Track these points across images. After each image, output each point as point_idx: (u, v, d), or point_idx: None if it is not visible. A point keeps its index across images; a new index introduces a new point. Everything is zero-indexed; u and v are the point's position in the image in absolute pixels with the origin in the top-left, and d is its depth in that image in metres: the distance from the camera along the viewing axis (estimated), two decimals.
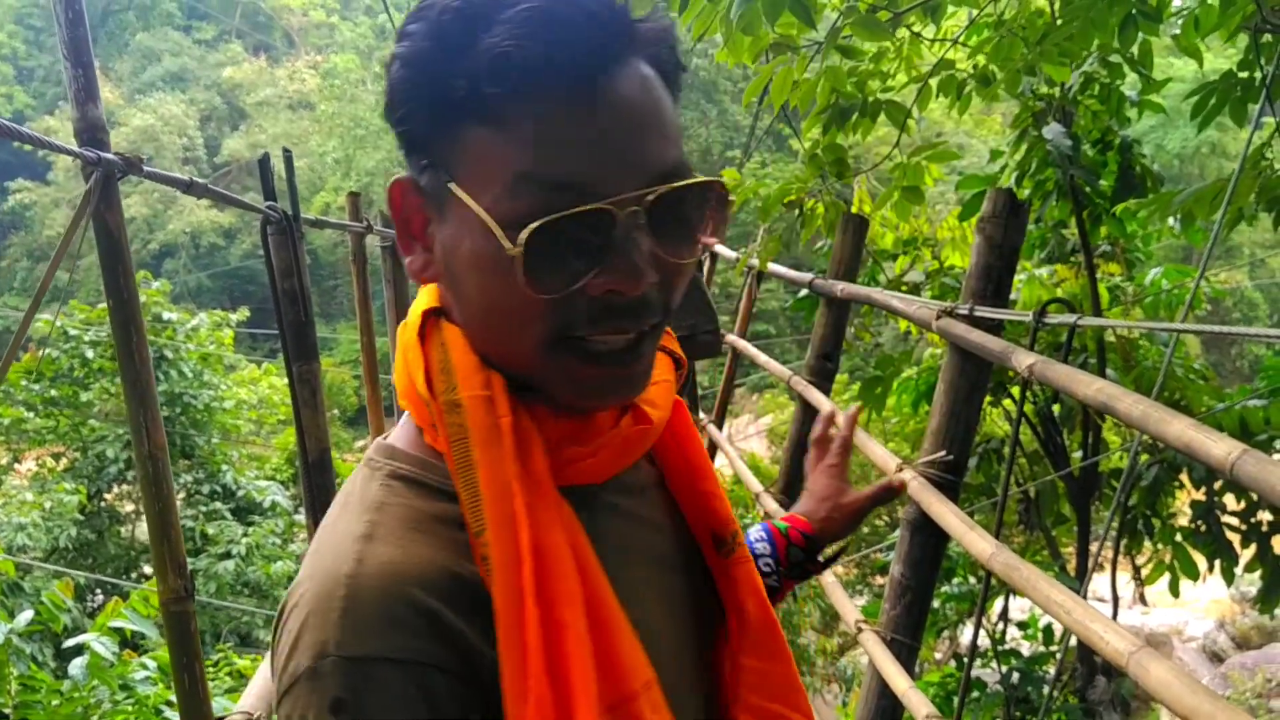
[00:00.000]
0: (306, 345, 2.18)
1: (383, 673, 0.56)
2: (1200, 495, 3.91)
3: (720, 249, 6.55)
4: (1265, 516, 3.87)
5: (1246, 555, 3.92)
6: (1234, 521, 3.90)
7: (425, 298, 0.70)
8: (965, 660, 2.89)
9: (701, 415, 4.79)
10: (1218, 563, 3.95)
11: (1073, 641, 4.63)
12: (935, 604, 5.02)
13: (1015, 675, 4.34)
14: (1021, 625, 5.04)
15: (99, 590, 9.62)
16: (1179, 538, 4.04)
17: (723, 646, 0.76)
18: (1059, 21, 3.05)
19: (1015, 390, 2.91)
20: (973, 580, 4.52)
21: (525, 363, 0.63)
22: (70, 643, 4.11)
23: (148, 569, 9.29)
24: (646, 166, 0.60)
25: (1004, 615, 4.50)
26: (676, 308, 0.66)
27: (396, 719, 0.56)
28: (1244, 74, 3.21)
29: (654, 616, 0.69)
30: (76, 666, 3.62)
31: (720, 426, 4.76)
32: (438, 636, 0.58)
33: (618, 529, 0.70)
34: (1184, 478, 3.98)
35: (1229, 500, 3.91)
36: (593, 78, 0.59)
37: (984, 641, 4.61)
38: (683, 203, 0.62)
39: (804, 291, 4.20)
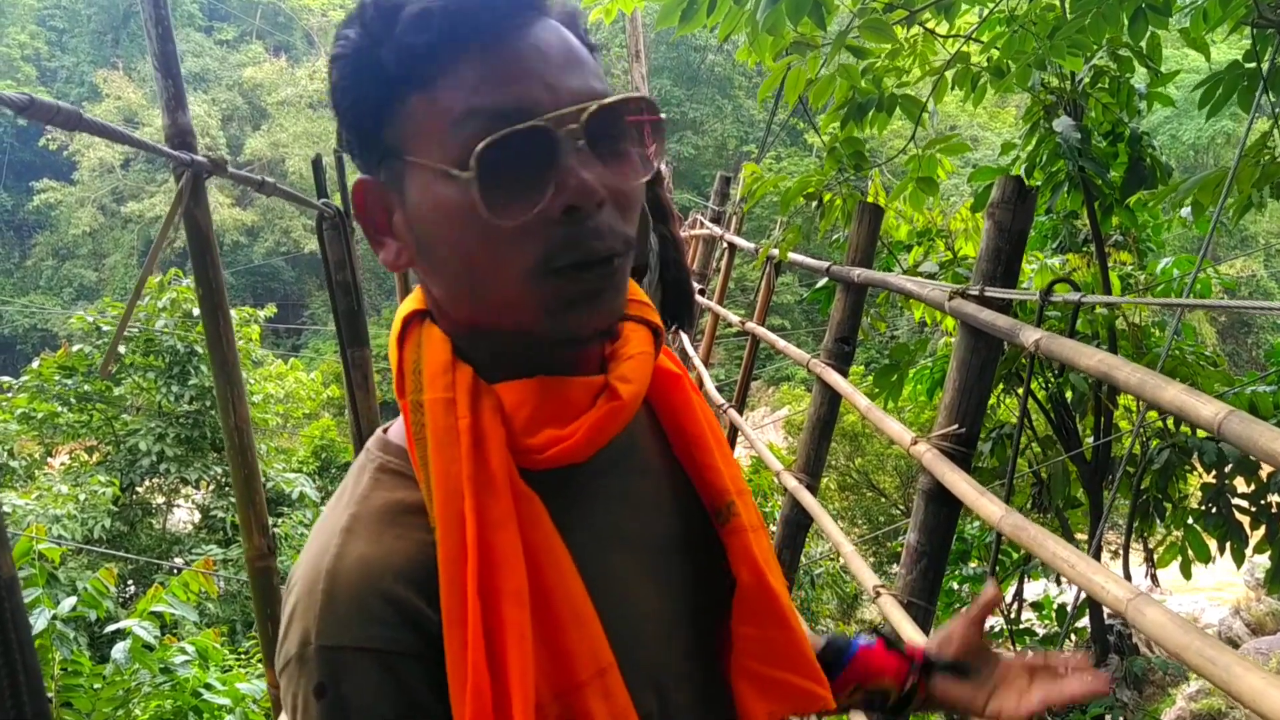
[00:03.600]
0: (358, 332, 2.33)
1: (357, 661, 0.61)
2: (1211, 478, 3.96)
3: (738, 240, 6.67)
4: (1275, 499, 3.92)
5: (1256, 537, 3.97)
6: (1244, 504, 3.95)
7: (409, 303, 0.73)
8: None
9: (721, 400, 4.92)
10: (1228, 544, 3.99)
11: (1084, 621, 4.73)
12: (954, 586, 5.12)
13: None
14: (1036, 606, 5.14)
15: (130, 581, 9.85)
16: (1190, 520, 4.08)
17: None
18: (1070, 16, 3.14)
19: (1026, 371, 3.02)
20: (987, 567, 4.60)
21: (509, 297, 0.64)
22: (111, 628, 4.24)
23: (179, 560, 9.50)
24: (576, 92, 0.64)
25: (1018, 596, 4.60)
26: (634, 243, 0.68)
27: (370, 702, 0.61)
28: (1250, 65, 3.29)
29: (643, 600, 0.71)
30: (120, 651, 3.73)
31: (740, 412, 4.90)
32: (408, 624, 0.62)
33: (611, 514, 0.72)
34: (1195, 462, 4.02)
35: (1239, 483, 3.96)
36: (509, 27, 0.64)
37: (999, 623, 4.71)
38: (618, 122, 0.65)
39: (822, 282, 4.32)
